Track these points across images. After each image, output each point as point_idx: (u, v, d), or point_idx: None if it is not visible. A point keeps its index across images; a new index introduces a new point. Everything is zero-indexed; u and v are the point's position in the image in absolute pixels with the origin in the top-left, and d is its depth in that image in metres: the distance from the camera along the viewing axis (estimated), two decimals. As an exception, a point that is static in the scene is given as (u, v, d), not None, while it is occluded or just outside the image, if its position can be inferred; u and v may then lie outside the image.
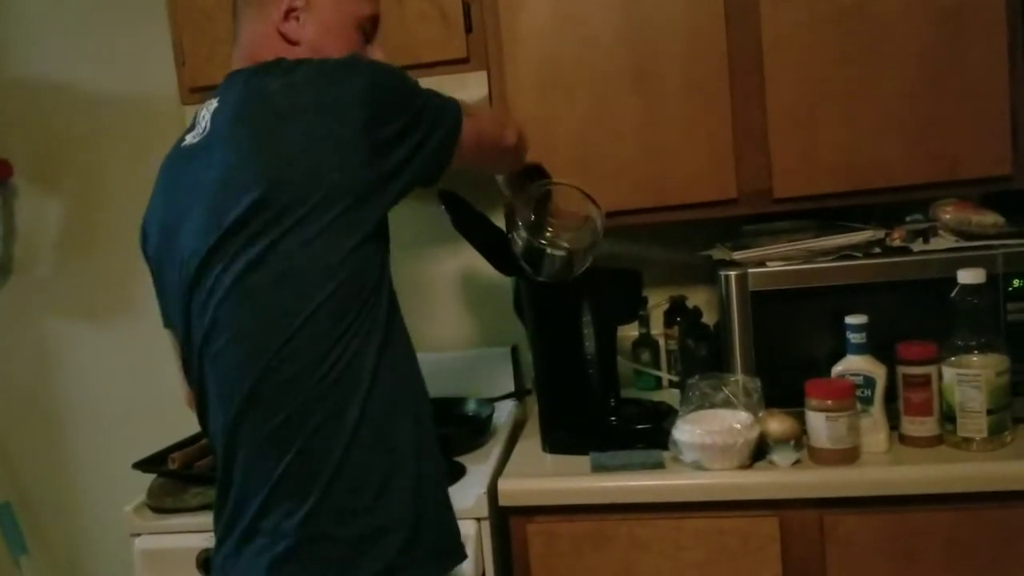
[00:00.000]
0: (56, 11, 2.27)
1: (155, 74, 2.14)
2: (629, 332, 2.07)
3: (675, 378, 2.03)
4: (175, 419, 1.92)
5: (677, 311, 2.05)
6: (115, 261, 2.33)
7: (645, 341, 2.09)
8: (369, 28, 1.34)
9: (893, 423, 1.57)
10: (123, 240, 2.31)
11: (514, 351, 2.16)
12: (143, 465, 1.79)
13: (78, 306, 2.36)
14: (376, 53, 1.34)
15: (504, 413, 2.02)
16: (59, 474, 2.43)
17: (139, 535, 1.68)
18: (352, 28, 1.31)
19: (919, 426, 1.55)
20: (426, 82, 1.76)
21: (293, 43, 1.28)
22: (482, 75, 1.80)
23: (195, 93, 1.88)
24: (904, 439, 1.57)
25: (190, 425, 1.87)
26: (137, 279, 2.30)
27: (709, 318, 1.97)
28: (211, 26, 1.85)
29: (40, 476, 2.44)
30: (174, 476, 1.75)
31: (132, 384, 2.33)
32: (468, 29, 1.79)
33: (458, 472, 1.71)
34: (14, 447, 2.45)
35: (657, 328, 2.09)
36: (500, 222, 1.85)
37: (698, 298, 2.06)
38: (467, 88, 1.79)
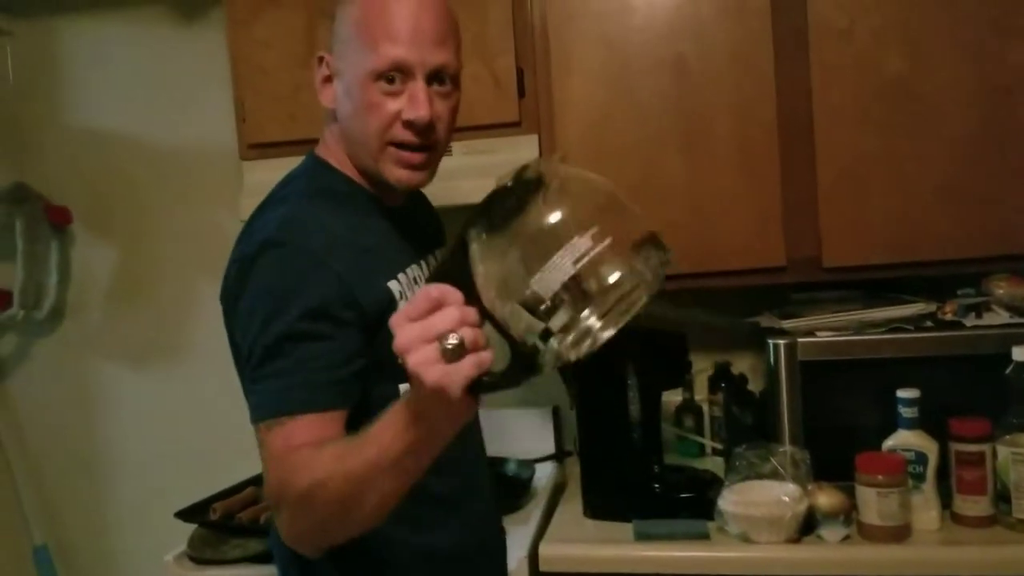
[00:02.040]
0: (119, 64, 2.33)
1: (215, 130, 2.20)
2: (672, 397, 2.04)
3: (719, 445, 2.00)
4: (219, 468, 1.94)
5: (722, 377, 2.03)
6: (166, 310, 2.37)
7: (689, 406, 2.07)
8: (396, 75, 1.14)
9: (945, 501, 1.53)
10: (175, 290, 2.36)
11: (555, 412, 2.15)
12: (185, 515, 1.80)
13: (127, 352, 2.40)
14: (420, 96, 1.14)
15: (544, 475, 2.01)
16: (99, 519, 2.44)
17: (178, 585, 1.68)
18: (367, 82, 1.15)
19: (972, 505, 1.51)
20: (479, 144, 1.83)
21: (332, 112, 1.22)
22: (533, 138, 1.82)
23: (254, 149, 1.93)
24: (957, 518, 1.53)
25: (233, 475, 1.90)
26: (186, 328, 2.36)
27: (754, 385, 1.95)
28: (272, 84, 1.90)
29: (80, 521, 2.45)
30: (215, 527, 1.75)
31: (177, 432, 2.35)
32: (521, 94, 1.83)
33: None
34: (56, 490, 2.46)
35: (701, 393, 2.07)
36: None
37: (743, 364, 2.04)
38: (518, 150, 1.82)
